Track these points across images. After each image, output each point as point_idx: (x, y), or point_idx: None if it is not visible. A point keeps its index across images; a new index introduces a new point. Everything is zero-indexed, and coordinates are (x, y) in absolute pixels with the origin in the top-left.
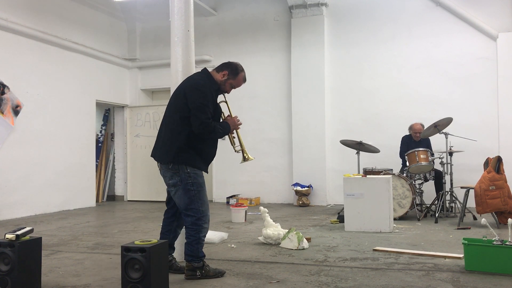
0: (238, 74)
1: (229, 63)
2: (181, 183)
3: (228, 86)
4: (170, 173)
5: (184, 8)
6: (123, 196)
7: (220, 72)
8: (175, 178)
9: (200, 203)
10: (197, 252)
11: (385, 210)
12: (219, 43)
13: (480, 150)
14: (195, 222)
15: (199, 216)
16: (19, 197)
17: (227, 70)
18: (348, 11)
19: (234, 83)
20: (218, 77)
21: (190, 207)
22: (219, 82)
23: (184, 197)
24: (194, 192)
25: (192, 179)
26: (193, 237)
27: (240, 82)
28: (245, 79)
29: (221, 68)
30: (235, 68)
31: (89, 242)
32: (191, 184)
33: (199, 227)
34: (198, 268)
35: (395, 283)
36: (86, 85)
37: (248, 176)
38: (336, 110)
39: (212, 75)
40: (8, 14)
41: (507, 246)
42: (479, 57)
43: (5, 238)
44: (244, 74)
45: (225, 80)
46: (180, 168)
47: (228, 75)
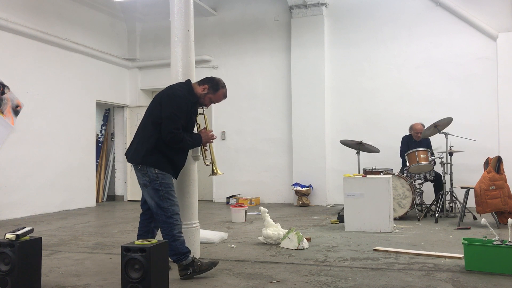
0: (218, 90)
1: (211, 78)
2: (150, 183)
3: (207, 100)
4: (140, 173)
5: (184, 8)
6: (123, 196)
7: (202, 86)
8: (145, 179)
9: (169, 202)
10: (178, 249)
11: (385, 210)
12: (219, 43)
13: (480, 150)
14: (166, 220)
15: (169, 214)
16: (19, 197)
17: (208, 84)
18: (348, 11)
19: (213, 98)
20: (198, 90)
21: (160, 206)
22: (199, 95)
23: (154, 197)
24: (162, 192)
25: (160, 179)
26: (168, 236)
27: (219, 98)
28: (226, 95)
29: (203, 81)
30: (216, 84)
31: (89, 242)
32: (159, 184)
33: (171, 225)
34: (188, 265)
35: (395, 283)
36: (86, 85)
37: (248, 176)
38: (336, 110)
39: (193, 87)
40: (8, 14)
41: (507, 246)
42: (479, 57)
43: (5, 238)
44: (225, 90)
45: (204, 94)
46: (148, 169)
47: (208, 90)
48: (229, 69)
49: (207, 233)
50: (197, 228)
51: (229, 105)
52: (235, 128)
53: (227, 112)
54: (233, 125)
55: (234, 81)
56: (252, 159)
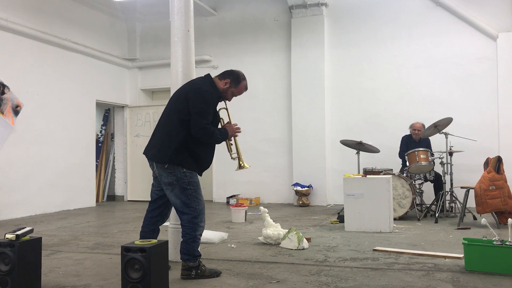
0: (240, 83)
1: (232, 72)
2: (177, 182)
3: (229, 94)
4: (166, 172)
5: (184, 8)
6: (123, 196)
7: (223, 80)
8: (171, 178)
9: (196, 202)
10: (192, 251)
11: (385, 210)
12: (219, 43)
13: (480, 150)
14: (191, 220)
15: (196, 214)
16: (19, 197)
17: (229, 78)
18: (348, 11)
19: (236, 92)
20: (220, 85)
21: (187, 205)
22: (221, 90)
23: (181, 196)
24: (190, 191)
25: (188, 178)
26: (189, 235)
27: (241, 90)
28: (247, 87)
29: (223, 76)
30: (237, 77)
31: (89, 242)
32: (188, 183)
33: (195, 225)
34: (193, 267)
35: (395, 283)
36: (86, 85)
37: (248, 176)
38: (336, 110)
39: (215, 82)
40: (8, 14)
41: (507, 246)
42: (479, 57)
43: (5, 238)
44: (245, 82)
45: (227, 88)
46: (176, 168)
47: (230, 83)
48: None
49: (207, 233)
50: None
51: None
52: None
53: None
54: None
55: None
56: (252, 159)
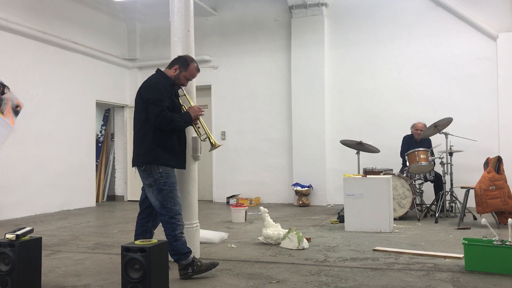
0: (189, 65)
1: (179, 57)
2: (155, 183)
3: (182, 79)
4: (145, 174)
5: (184, 8)
6: (123, 196)
7: (172, 68)
8: (150, 179)
9: (172, 202)
10: (179, 249)
11: (385, 210)
12: (219, 43)
13: (480, 150)
14: (168, 221)
15: (172, 214)
16: (19, 197)
17: (177, 64)
18: (348, 11)
19: (188, 75)
20: (170, 73)
21: (163, 206)
22: (173, 77)
23: (158, 197)
24: (166, 192)
25: (164, 178)
26: (170, 236)
27: (193, 72)
28: (198, 69)
29: (172, 64)
30: (185, 60)
31: (89, 242)
32: (163, 184)
33: (173, 225)
34: (188, 265)
35: (395, 283)
36: (86, 85)
37: (248, 176)
38: (336, 110)
39: (166, 72)
40: (8, 14)
41: (507, 246)
42: (479, 57)
43: (5, 238)
44: (195, 64)
45: (178, 73)
46: (152, 168)
47: (179, 68)
48: (229, 69)
49: (207, 233)
50: (197, 228)
51: (229, 105)
52: (235, 128)
53: (227, 112)
54: (233, 125)
55: (234, 81)
56: (252, 159)
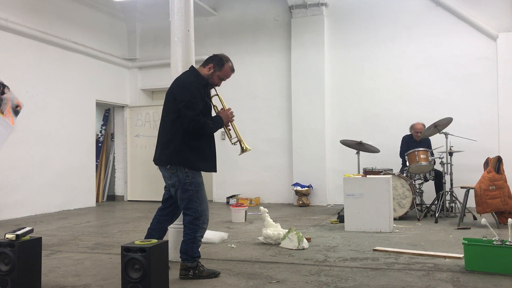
0: (223, 65)
1: (214, 56)
2: (179, 183)
3: (216, 79)
4: (169, 173)
5: (184, 8)
6: (123, 196)
7: (206, 66)
8: (173, 179)
9: (198, 203)
10: (191, 251)
11: (385, 210)
12: (219, 43)
13: (480, 150)
14: (193, 222)
15: (197, 215)
16: (19, 197)
17: (212, 63)
18: (348, 11)
19: (222, 75)
20: (204, 72)
21: (188, 206)
22: (207, 76)
23: (183, 196)
24: (192, 192)
25: (190, 178)
26: (189, 236)
27: (227, 72)
28: (233, 69)
29: (206, 62)
30: (219, 60)
31: (89, 242)
32: (189, 184)
33: (197, 227)
34: (191, 268)
35: (395, 283)
36: (86, 85)
37: (248, 176)
38: (336, 110)
39: (199, 71)
40: (8, 14)
41: (507, 246)
42: (479, 57)
43: (5, 238)
44: (230, 63)
45: (212, 73)
46: (178, 169)
47: (214, 68)
48: None
49: (207, 233)
50: None
51: (229, 105)
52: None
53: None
54: None
55: (234, 81)
56: (252, 159)
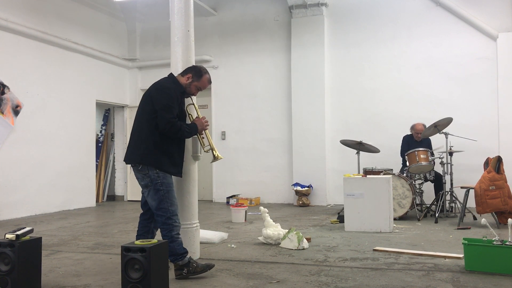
0: (202, 76)
1: (193, 67)
2: (151, 183)
3: (193, 88)
4: (141, 174)
5: (184, 8)
6: (123, 196)
7: (185, 76)
8: (146, 179)
9: (169, 203)
10: (175, 250)
11: (385, 210)
12: (219, 43)
13: (480, 150)
14: (165, 222)
15: (169, 215)
16: (19, 197)
17: (191, 73)
18: (348, 11)
19: (199, 85)
20: (183, 81)
21: (160, 207)
22: (184, 85)
23: (155, 197)
24: (163, 192)
25: (161, 179)
26: (166, 237)
27: (205, 83)
28: (210, 80)
29: (185, 72)
30: (198, 71)
31: (89, 242)
32: (160, 184)
33: (170, 226)
34: (184, 265)
35: (395, 283)
36: (86, 85)
37: (248, 176)
38: (336, 110)
39: (178, 79)
40: (8, 14)
41: (507, 246)
42: (479, 57)
43: (5, 238)
44: (208, 76)
45: (189, 82)
46: (149, 169)
47: (192, 78)
48: (229, 69)
49: (207, 233)
50: (197, 228)
51: (229, 105)
52: (235, 128)
53: (227, 112)
54: (233, 125)
55: (234, 81)
56: (252, 159)
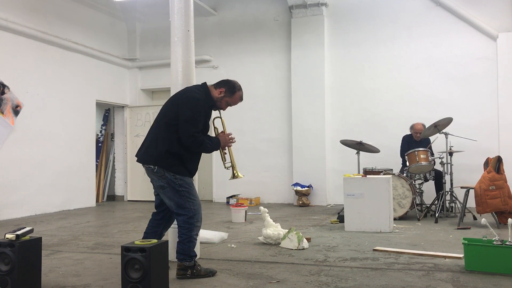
0: (235, 93)
1: (228, 81)
2: (168, 184)
3: (224, 104)
4: (156, 176)
5: (184, 8)
6: (123, 196)
7: (218, 89)
8: (162, 181)
9: (191, 202)
10: (188, 251)
11: (385, 210)
12: (219, 43)
13: (480, 150)
14: (187, 221)
15: (191, 214)
16: (19, 197)
17: (224, 87)
18: (348, 11)
19: (230, 101)
20: (215, 94)
21: (182, 206)
22: (215, 99)
23: (174, 197)
24: (183, 192)
25: (179, 180)
26: (185, 236)
27: (236, 100)
28: (242, 98)
29: (219, 84)
30: (232, 87)
31: (89, 242)
32: (179, 185)
33: (191, 226)
34: (189, 267)
35: (395, 283)
36: (86, 85)
37: (248, 176)
38: (336, 110)
39: (210, 90)
40: (8, 14)
41: (507, 246)
42: (479, 57)
43: (5, 238)
44: (241, 93)
45: (221, 97)
46: (165, 171)
47: (225, 93)
48: (229, 69)
49: (207, 233)
50: None
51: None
52: (235, 128)
53: (227, 112)
54: (233, 125)
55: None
56: (252, 159)
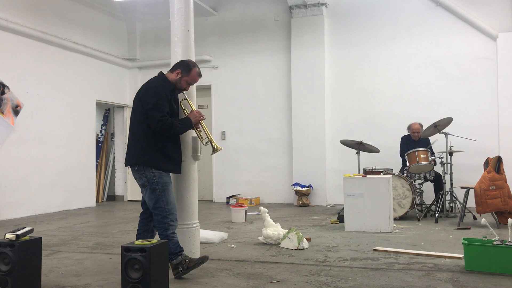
0: (191, 70)
1: (181, 61)
2: (148, 183)
3: (184, 83)
4: (138, 174)
5: (184, 8)
6: (123, 196)
7: (174, 71)
8: (143, 179)
9: (164, 202)
10: (170, 249)
11: (385, 210)
12: (219, 43)
13: (480, 150)
14: (161, 220)
15: (164, 214)
16: (19, 197)
17: (179, 68)
18: (348, 11)
19: (189, 79)
20: (172, 77)
21: (156, 206)
22: (174, 81)
23: (151, 197)
24: (159, 191)
25: (157, 178)
26: (162, 236)
27: (194, 77)
28: (200, 74)
29: (174, 67)
30: (187, 65)
31: (89, 242)
32: (156, 183)
33: (166, 225)
34: (178, 264)
35: (395, 283)
36: (86, 85)
37: (248, 176)
38: (336, 110)
39: (167, 76)
40: (8, 14)
41: (507, 246)
42: (479, 57)
43: (5, 238)
44: (197, 69)
45: (179, 78)
46: (145, 169)
47: (181, 73)
48: (229, 69)
49: (207, 233)
50: (197, 228)
51: (229, 105)
52: (235, 128)
53: (227, 112)
54: (233, 125)
55: (234, 81)
56: (252, 159)
